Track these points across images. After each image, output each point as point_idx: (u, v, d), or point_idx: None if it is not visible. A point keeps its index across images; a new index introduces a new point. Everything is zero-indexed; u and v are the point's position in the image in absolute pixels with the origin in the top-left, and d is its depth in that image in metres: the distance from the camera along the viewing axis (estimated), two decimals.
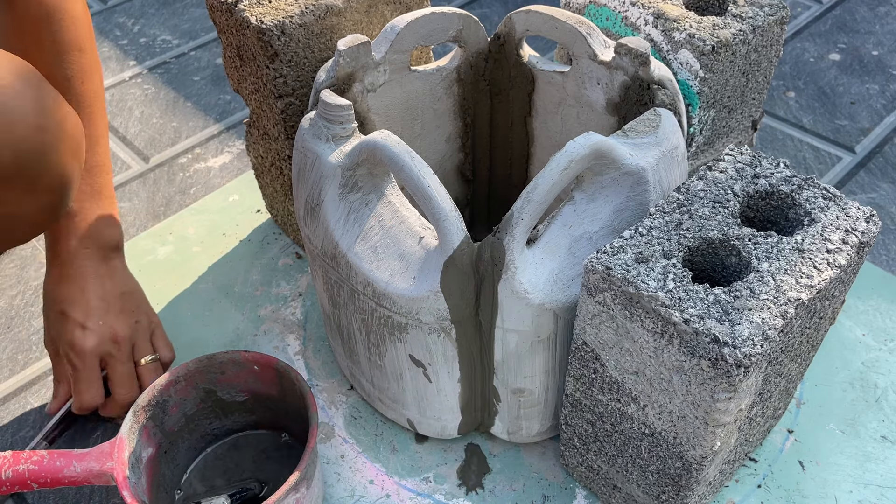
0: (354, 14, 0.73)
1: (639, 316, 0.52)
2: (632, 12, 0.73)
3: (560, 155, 0.55)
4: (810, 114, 1.12)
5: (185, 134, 1.12)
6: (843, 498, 0.70)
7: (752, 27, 0.69)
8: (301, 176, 0.65)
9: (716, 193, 0.58)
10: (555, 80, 0.75)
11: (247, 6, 0.70)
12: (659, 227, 0.56)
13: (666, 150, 0.61)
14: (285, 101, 0.74)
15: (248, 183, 1.04)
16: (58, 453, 0.63)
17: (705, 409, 0.52)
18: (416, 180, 0.56)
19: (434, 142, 0.81)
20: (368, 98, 0.72)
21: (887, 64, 1.19)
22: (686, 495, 0.60)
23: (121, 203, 1.02)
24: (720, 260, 0.56)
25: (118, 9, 1.39)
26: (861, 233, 0.55)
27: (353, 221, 0.62)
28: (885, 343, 0.82)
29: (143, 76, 1.23)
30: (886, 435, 0.75)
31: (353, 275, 0.62)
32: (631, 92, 0.67)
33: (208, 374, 0.69)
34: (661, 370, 0.53)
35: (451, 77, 0.77)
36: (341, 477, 0.73)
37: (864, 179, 1.01)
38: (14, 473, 0.62)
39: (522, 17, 0.72)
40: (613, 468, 0.66)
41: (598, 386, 0.60)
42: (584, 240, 0.60)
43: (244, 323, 0.87)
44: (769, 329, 0.49)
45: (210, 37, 1.31)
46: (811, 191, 0.58)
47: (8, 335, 0.87)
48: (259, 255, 0.94)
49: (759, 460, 0.73)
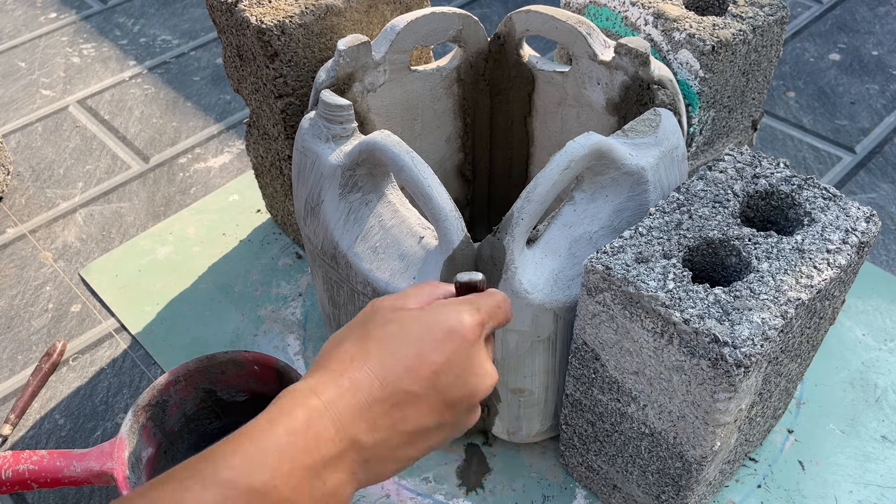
0: (354, 14, 0.73)
1: (639, 316, 0.52)
2: (632, 12, 0.73)
3: (560, 155, 0.55)
4: (810, 114, 1.12)
5: (185, 134, 1.12)
6: (843, 498, 0.70)
7: (752, 27, 0.69)
8: (301, 176, 0.65)
9: (716, 193, 0.58)
10: (555, 80, 0.75)
11: (247, 6, 0.70)
12: (659, 227, 0.56)
13: (666, 150, 0.61)
14: (285, 101, 0.74)
15: (248, 183, 1.04)
16: (58, 453, 0.63)
17: (705, 408, 0.52)
18: (416, 180, 0.56)
19: (434, 142, 0.81)
20: (368, 98, 0.72)
21: (887, 64, 1.19)
22: (686, 495, 0.60)
23: (121, 203, 1.02)
24: (720, 260, 0.56)
25: (118, 9, 1.39)
26: (861, 233, 0.55)
27: (353, 221, 0.62)
28: (885, 343, 0.82)
29: (143, 76, 1.23)
30: (886, 435, 0.75)
31: (353, 275, 0.62)
32: (631, 92, 0.67)
33: (208, 374, 0.69)
34: (661, 370, 0.53)
35: (451, 77, 0.77)
36: None
37: (864, 179, 1.01)
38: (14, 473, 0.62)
39: (522, 17, 0.72)
40: (613, 468, 0.66)
41: (598, 386, 0.60)
42: (584, 240, 0.60)
43: (244, 323, 0.87)
44: (769, 329, 0.49)
45: (210, 37, 1.31)
46: (811, 191, 0.58)
47: (8, 335, 0.87)
48: (259, 255, 0.94)
49: (759, 460, 0.73)
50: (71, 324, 0.88)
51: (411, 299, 0.49)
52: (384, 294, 0.60)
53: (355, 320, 0.49)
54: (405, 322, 0.46)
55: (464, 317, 0.47)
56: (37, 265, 0.95)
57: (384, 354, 0.45)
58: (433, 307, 0.48)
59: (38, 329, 0.87)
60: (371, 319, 0.47)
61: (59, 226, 1.00)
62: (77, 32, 1.33)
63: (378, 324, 0.47)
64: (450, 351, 0.45)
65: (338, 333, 0.48)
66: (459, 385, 0.46)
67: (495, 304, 0.50)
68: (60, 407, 0.80)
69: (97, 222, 1.00)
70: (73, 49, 1.29)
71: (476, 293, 0.50)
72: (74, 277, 0.93)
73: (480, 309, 0.48)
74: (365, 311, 0.49)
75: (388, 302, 0.48)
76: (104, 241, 0.97)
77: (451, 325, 0.46)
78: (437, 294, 0.50)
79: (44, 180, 1.06)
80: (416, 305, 0.48)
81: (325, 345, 0.48)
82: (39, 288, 0.92)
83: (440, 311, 0.47)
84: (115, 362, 0.84)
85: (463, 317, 0.47)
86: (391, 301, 0.49)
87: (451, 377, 0.45)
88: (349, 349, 0.45)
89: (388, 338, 0.46)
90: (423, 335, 0.46)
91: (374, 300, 0.50)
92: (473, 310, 0.48)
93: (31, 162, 1.09)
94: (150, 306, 0.89)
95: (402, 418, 0.44)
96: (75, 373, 0.83)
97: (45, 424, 0.79)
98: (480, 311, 0.48)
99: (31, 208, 1.02)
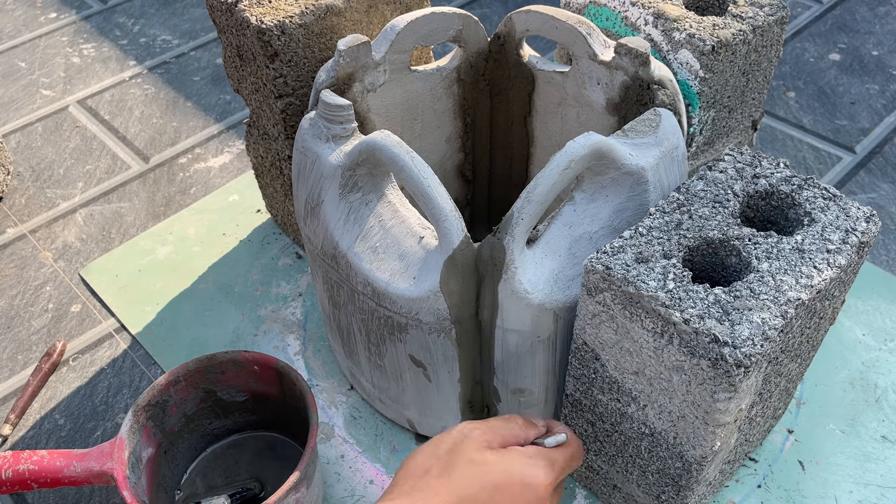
0: (354, 14, 0.73)
1: (639, 316, 0.52)
2: (632, 12, 0.73)
3: (560, 155, 0.55)
4: (810, 114, 1.12)
5: (185, 134, 1.12)
6: (843, 498, 0.70)
7: (752, 27, 0.69)
8: (301, 176, 0.65)
9: (716, 193, 0.58)
10: (555, 80, 0.75)
11: (247, 6, 0.70)
12: (659, 227, 0.56)
13: (666, 150, 0.61)
14: (285, 101, 0.74)
15: (248, 183, 1.04)
16: (58, 453, 0.63)
17: (705, 409, 0.52)
18: (416, 180, 0.56)
19: (434, 142, 0.81)
20: (368, 98, 0.72)
21: (887, 64, 1.19)
22: (686, 495, 0.60)
23: (121, 203, 1.02)
24: (720, 260, 0.56)
25: (118, 9, 1.39)
26: (861, 233, 0.55)
27: (353, 221, 0.62)
28: (885, 343, 0.82)
29: (143, 76, 1.23)
30: (886, 435, 0.75)
31: (353, 275, 0.62)
32: (631, 92, 0.67)
33: (208, 374, 0.69)
34: (661, 370, 0.53)
35: (451, 77, 0.77)
36: (341, 477, 0.73)
37: (864, 179, 1.01)
38: (14, 473, 0.62)
39: (522, 17, 0.72)
40: (613, 468, 0.66)
41: (598, 386, 0.60)
42: (584, 240, 0.60)
43: (244, 323, 0.87)
44: (769, 329, 0.49)
45: (210, 37, 1.31)
46: (811, 191, 0.58)
47: (8, 335, 0.87)
48: (259, 255, 0.94)
49: (759, 460, 0.73)
50: (71, 324, 0.88)
51: (497, 437, 0.53)
52: (384, 294, 0.60)
53: (440, 446, 0.53)
54: (488, 467, 0.51)
55: (540, 474, 0.52)
56: (37, 265, 0.95)
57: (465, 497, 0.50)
58: (514, 456, 0.52)
59: (38, 329, 0.87)
60: (457, 453, 0.52)
61: (59, 226, 1.00)
62: (77, 32, 1.33)
63: (463, 463, 0.51)
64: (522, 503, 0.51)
65: (422, 457, 0.52)
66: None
67: (569, 457, 0.55)
68: (60, 407, 0.80)
69: (97, 222, 1.00)
70: (73, 49, 1.29)
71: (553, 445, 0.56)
72: (74, 277, 0.93)
73: (555, 464, 0.53)
74: (454, 438, 0.53)
75: (477, 435, 0.53)
76: (104, 241, 0.97)
77: (528, 482, 0.51)
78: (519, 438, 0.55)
79: (44, 180, 1.06)
80: (499, 445, 0.53)
81: (407, 460, 0.52)
82: (39, 288, 0.92)
83: (519, 463, 0.52)
84: (115, 362, 0.84)
85: (539, 474, 0.52)
86: (478, 435, 0.53)
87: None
88: (432, 483, 0.50)
89: (470, 481, 0.50)
90: (503, 484, 0.50)
91: (464, 425, 0.54)
92: (549, 466, 0.53)
93: (31, 162, 1.09)
94: (150, 306, 0.89)
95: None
96: (75, 373, 0.83)
97: (45, 424, 0.79)
98: (555, 467, 0.53)
99: (31, 208, 1.02)
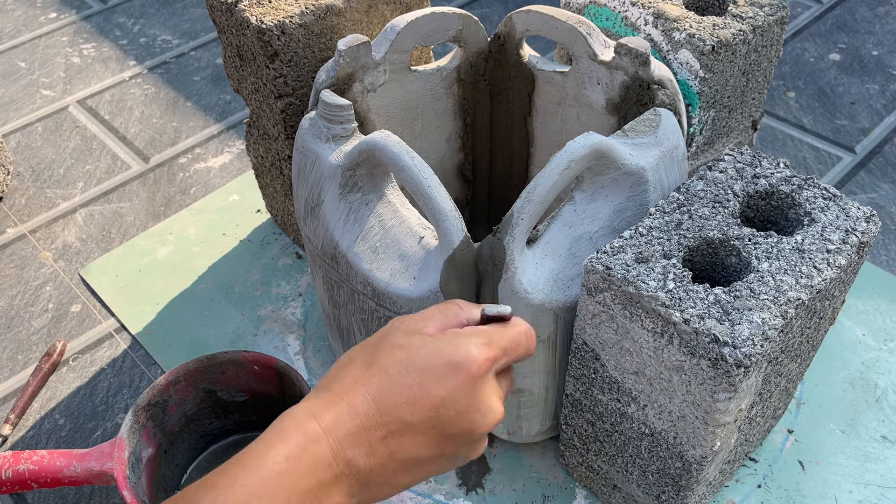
0: (354, 14, 0.73)
1: (639, 316, 0.52)
2: (632, 12, 0.73)
3: (560, 155, 0.55)
4: (810, 114, 1.12)
5: (185, 134, 1.12)
6: (843, 498, 0.70)
7: (752, 27, 0.69)
8: (301, 176, 0.65)
9: (716, 193, 0.58)
10: (555, 80, 0.75)
11: (247, 6, 0.70)
12: (659, 227, 0.56)
13: (666, 150, 0.61)
14: (285, 101, 0.74)
15: (248, 183, 1.04)
16: (58, 453, 0.63)
17: (705, 409, 0.52)
18: (416, 180, 0.56)
19: (434, 142, 0.81)
20: (368, 98, 0.72)
21: (887, 64, 1.19)
22: (686, 495, 0.60)
23: (121, 203, 1.02)
24: (720, 260, 0.56)
25: (118, 9, 1.39)
26: (861, 233, 0.55)
27: (353, 221, 0.62)
28: (885, 343, 0.82)
29: (143, 76, 1.23)
30: (886, 435, 0.75)
31: (353, 275, 0.62)
32: (631, 92, 0.67)
33: (208, 374, 0.69)
34: (661, 370, 0.53)
35: (451, 77, 0.77)
36: None
37: (864, 179, 1.01)
38: (14, 473, 0.62)
39: (522, 17, 0.72)
40: (613, 468, 0.66)
41: (598, 386, 0.60)
42: (584, 240, 0.60)
43: (244, 323, 0.87)
44: (769, 329, 0.49)
45: (210, 37, 1.31)
46: (811, 191, 0.58)
47: (8, 335, 0.87)
48: (259, 255, 0.94)
49: (759, 460, 0.73)
50: (71, 324, 0.88)
51: (431, 323, 0.47)
52: (384, 294, 0.60)
53: (370, 339, 0.48)
54: (413, 350, 0.45)
55: (471, 350, 0.45)
56: (37, 265, 0.95)
57: (386, 382, 0.44)
58: (446, 336, 0.46)
59: (38, 329, 0.87)
60: (383, 340, 0.46)
61: (59, 226, 1.00)
62: (77, 32, 1.33)
63: (387, 348, 0.46)
64: (453, 386, 0.44)
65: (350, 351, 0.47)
66: (460, 421, 0.45)
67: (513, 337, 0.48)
68: (60, 407, 0.80)
69: (97, 222, 1.00)
70: (73, 49, 1.29)
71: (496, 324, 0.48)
72: (74, 277, 0.93)
73: (492, 343, 0.47)
74: (382, 330, 0.48)
75: (406, 324, 0.47)
76: (104, 241, 0.97)
77: (458, 360, 0.45)
78: (460, 319, 0.49)
79: (44, 180, 1.06)
80: (434, 330, 0.47)
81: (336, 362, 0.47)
82: (39, 288, 0.92)
83: (450, 343, 0.46)
84: (115, 362, 0.84)
85: (470, 350, 0.45)
86: (409, 323, 0.47)
87: (452, 412, 0.44)
88: (354, 372, 0.45)
89: (393, 365, 0.45)
90: (429, 366, 0.45)
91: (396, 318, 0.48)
92: (483, 344, 0.46)
93: (31, 162, 1.09)
94: (150, 306, 0.89)
95: (399, 447, 0.44)
96: (75, 373, 0.83)
97: (45, 424, 0.79)
98: (492, 345, 0.47)
99: (31, 208, 1.02)
